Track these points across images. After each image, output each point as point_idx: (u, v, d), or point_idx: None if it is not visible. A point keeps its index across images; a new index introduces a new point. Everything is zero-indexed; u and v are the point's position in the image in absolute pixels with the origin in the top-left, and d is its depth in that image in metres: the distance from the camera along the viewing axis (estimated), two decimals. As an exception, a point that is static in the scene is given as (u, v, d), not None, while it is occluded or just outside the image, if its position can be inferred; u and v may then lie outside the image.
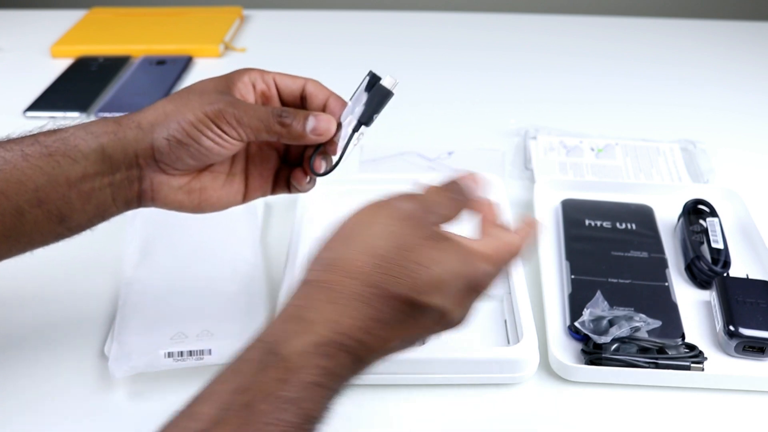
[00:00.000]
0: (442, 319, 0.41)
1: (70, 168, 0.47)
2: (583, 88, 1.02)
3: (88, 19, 1.20)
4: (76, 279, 0.65)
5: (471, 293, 0.41)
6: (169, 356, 0.53)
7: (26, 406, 0.53)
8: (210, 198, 0.52)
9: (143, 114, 0.49)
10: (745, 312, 0.57)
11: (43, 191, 0.47)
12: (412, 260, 0.39)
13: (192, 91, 0.50)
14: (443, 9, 1.33)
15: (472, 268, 0.41)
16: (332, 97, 0.53)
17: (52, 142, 0.48)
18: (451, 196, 0.45)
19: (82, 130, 0.48)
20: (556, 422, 0.52)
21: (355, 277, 0.39)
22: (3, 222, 0.47)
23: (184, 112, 0.48)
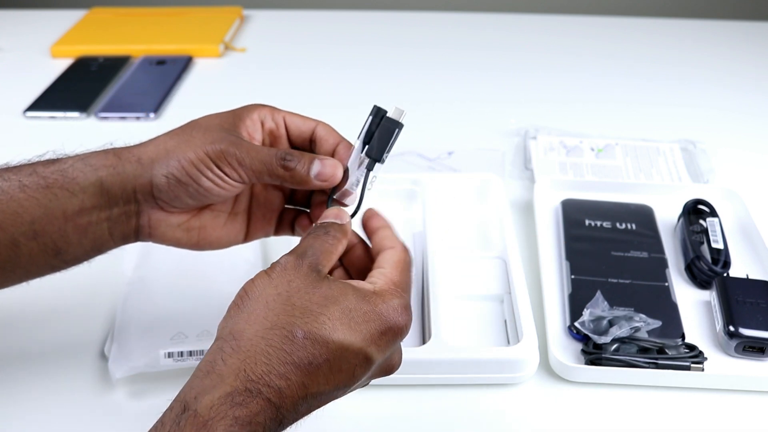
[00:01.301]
0: (365, 362, 0.40)
1: (67, 201, 0.46)
2: (583, 88, 1.02)
3: (88, 19, 1.20)
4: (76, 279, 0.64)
5: (387, 333, 0.41)
6: (169, 356, 0.53)
7: (26, 406, 0.53)
8: (209, 237, 0.51)
9: (144, 148, 0.48)
10: (745, 312, 0.57)
11: (40, 224, 0.46)
12: (311, 300, 0.39)
13: (196, 127, 0.48)
14: (443, 9, 1.33)
15: (378, 306, 0.41)
16: (342, 142, 0.50)
17: (51, 173, 0.47)
18: (319, 236, 0.44)
19: (81, 162, 0.47)
20: (556, 422, 0.52)
21: (260, 325, 0.39)
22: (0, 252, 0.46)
23: (185, 150, 0.47)
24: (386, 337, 0.40)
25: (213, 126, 0.48)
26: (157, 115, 0.93)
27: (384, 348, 0.41)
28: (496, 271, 0.62)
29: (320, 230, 0.44)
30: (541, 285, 0.62)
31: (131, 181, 0.47)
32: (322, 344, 0.38)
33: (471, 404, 0.53)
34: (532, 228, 0.69)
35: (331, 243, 0.44)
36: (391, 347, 0.41)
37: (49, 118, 0.93)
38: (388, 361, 0.43)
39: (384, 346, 0.41)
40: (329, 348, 0.38)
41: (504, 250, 0.63)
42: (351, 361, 0.39)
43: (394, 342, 0.41)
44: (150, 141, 0.49)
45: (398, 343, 0.42)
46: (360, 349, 0.39)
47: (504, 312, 0.59)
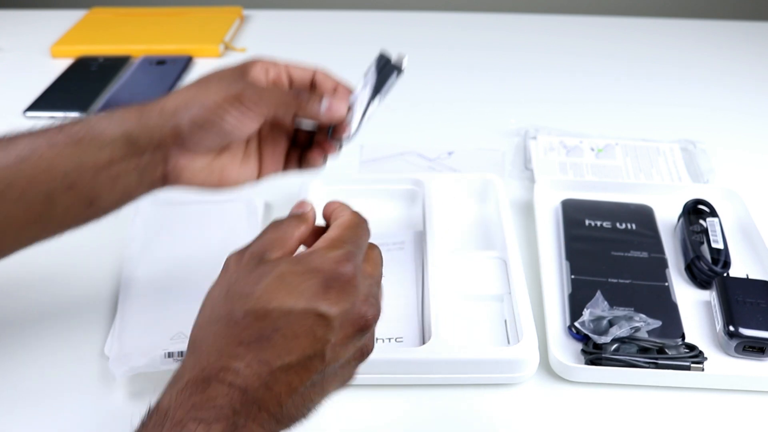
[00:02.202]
0: (320, 319, 0.38)
1: (97, 154, 0.49)
2: (583, 88, 1.02)
3: (88, 19, 1.20)
4: (76, 279, 0.65)
5: (332, 285, 0.39)
6: (169, 356, 0.53)
7: (27, 406, 0.53)
8: (229, 177, 0.55)
9: (165, 100, 0.51)
10: (745, 312, 0.57)
11: (72, 177, 0.49)
12: (247, 283, 0.40)
13: (210, 79, 0.52)
14: (443, 9, 1.33)
15: (313, 262, 0.40)
16: (340, 85, 0.56)
17: (77, 131, 0.50)
18: (271, 227, 0.45)
19: (106, 119, 0.51)
20: (556, 422, 0.52)
21: (206, 323, 0.40)
22: (34, 207, 0.49)
23: (205, 97, 0.51)
24: (333, 289, 0.39)
25: (226, 75, 0.53)
26: (157, 115, 0.92)
27: (336, 300, 0.39)
28: (496, 271, 0.62)
29: (275, 222, 0.45)
30: (541, 285, 0.62)
31: (157, 130, 0.50)
32: (263, 316, 0.38)
33: (471, 404, 0.53)
34: (532, 228, 0.69)
35: (284, 230, 0.44)
36: (345, 298, 0.39)
37: (49, 119, 0.92)
38: (355, 314, 0.40)
39: (335, 299, 0.39)
40: (272, 317, 0.38)
41: (504, 250, 0.63)
42: (303, 323, 0.38)
43: (345, 292, 0.40)
44: (169, 95, 0.52)
45: (354, 293, 0.40)
46: (306, 309, 0.38)
47: (504, 312, 0.59)
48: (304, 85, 0.56)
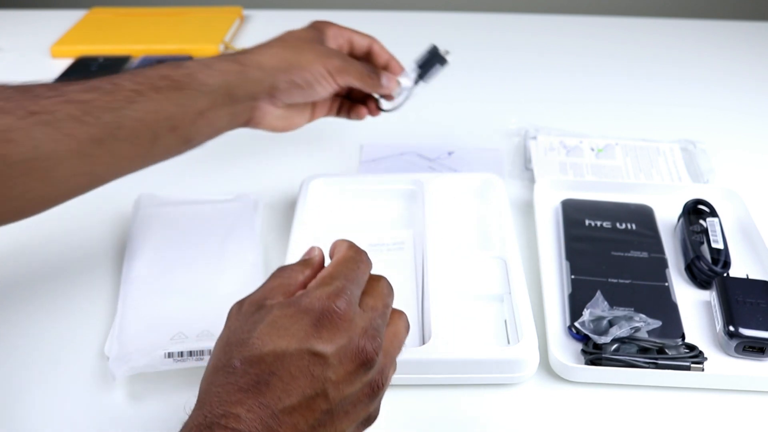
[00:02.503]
0: (315, 357, 0.38)
1: (198, 100, 0.57)
2: (583, 88, 1.02)
3: (88, 19, 1.20)
4: (76, 279, 0.65)
5: (322, 323, 0.39)
6: (169, 356, 0.53)
7: (27, 406, 0.53)
8: (294, 122, 0.67)
9: (262, 57, 0.61)
10: (745, 312, 0.57)
11: (176, 119, 0.56)
12: (243, 330, 0.40)
13: (300, 40, 0.63)
14: (443, 9, 1.33)
15: (303, 302, 0.40)
16: (392, 60, 0.70)
17: (181, 76, 0.57)
18: (275, 275, 0.45)
19: (207, 68, 0.58)
20: (556, 422, 0.52)
21: (209, 374, 0.40)
22: (141, 145, 0.55)
23: (304, 63, 0.62)
24: (325, 327, 0.39)
25: (311, 39, 0.64)
26: (157, 115, 0.92)
27: (330, 337, 0.39)
28: (496, 271, 0.62)
29: (280, 269, 0.45)
30: (541, 285, 0.62)
31: (255, 84, 0.60)
32: (259, 361, 0.38)
33: (471, 404, 0.53)
34: (532, 228, 0.69)
35: (288, 276, 0.44)
36: (340, 334, 0.39)
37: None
38: (353, 349, 0.40)
39: (329, 336, 0.39)
40: (267, 362, 0.38)
41: (504, 250, 0.63)
42: (298, 364, 0.38)
43: (338, 328, 0.39)
44: (263, 49, 0.62)
45: (349, 328, 0.40)
46: (299, 349, 0.38)
47: (504, 312, 0.59)
48: (361, 52, 0.69)
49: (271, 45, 0.63)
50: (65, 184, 0.54)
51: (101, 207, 0.71)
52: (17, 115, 0.50)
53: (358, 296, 0.43)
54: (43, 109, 0.51)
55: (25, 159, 0.50)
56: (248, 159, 0.83)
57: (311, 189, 0.71)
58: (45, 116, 0.51)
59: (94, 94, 0.53)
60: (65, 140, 0.51)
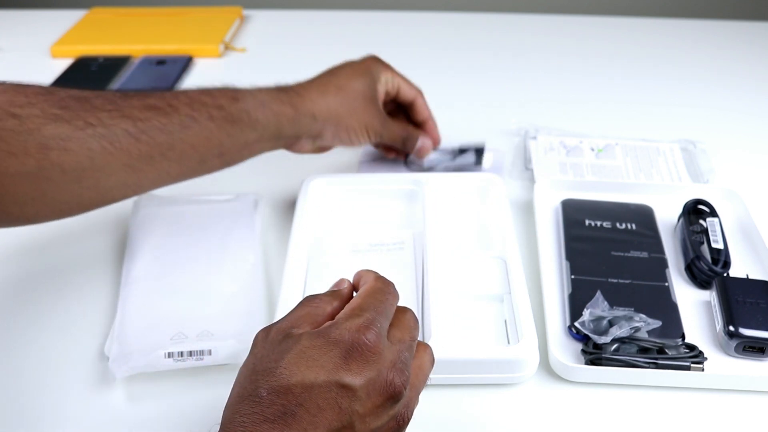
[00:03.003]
0: (343, 390, 0.38)
1: (249, 134, 0.61)
2: (583, 88, 1.02)
3: (88, 19, 1.20)
4: (76, 279, 0.65)
5: (352, 356, 0.39)
6: (169, 356, 0.53)
7: (27, 406, 0.53)
8: (319, 150, 0.71)
9: (316, 105, 0.65)
10: (745, 312, 0.57)
11: (225, 148, 0.60)
12: (270, 359, 0.40)
13: (356, 94, 0.67)
14: (443, 9, 1.33)
15: (332, 333, 0.40)
16: (430, 120, 0.76)
17: (236, 111, 0.60)
18: (302, 304, 0.45)
19: (263, 108, 0.61)
20: (556, 422, 0.52)
21: (233, 402, 0.39)
22: (188, 166, 0.59)
23: (352, 120, 0.67)
24: (354, 359, 0.39)
25: (366, 97, 0.68)
26: (157, 115, 0.92)
27: (359, 370, 0.39)
28: (496, 271, 0.62)
29: (308, 298, 0.45)
30: (541, 285, 0.62)
31: (304, 130, 0.65)
32: (286, 393, 0.38)
33: (471, 404, 0.53)
34: (532, 228, 0.69)
35: (316, 306, 0.44)
36: (369, 367, 0.39)
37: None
38: (382, 382, 0.40)
39: (358, 369, 0.39)
40: (294, 393, 0.38)
41: (504, 250, 0.63)
42: (326, 396, 0.38)
43: (368, 361, 0.39)
44: (318, 95, 0.65)
45: (378, 361, 0.40)
46: (328, 381, 0.38)
47: (504, 312, 0.59)
48: (406, 103, 0.74)
49: (328, 91, 0.66)
50: (112, 192, 0.57)
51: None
52: (76, 125, 0.53)
53: (386, 328, 0.42)
54: (100, 122, 0.54)
55: (78, 168, 0.53)
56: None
57: (311, 189, 0.71)
58: (101, 129, 0.54)
59: (151, 113, 0.56)
60: (118, 154, 0.55)
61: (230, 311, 0.58)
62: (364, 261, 0.63)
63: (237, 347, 0.54)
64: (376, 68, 0.70)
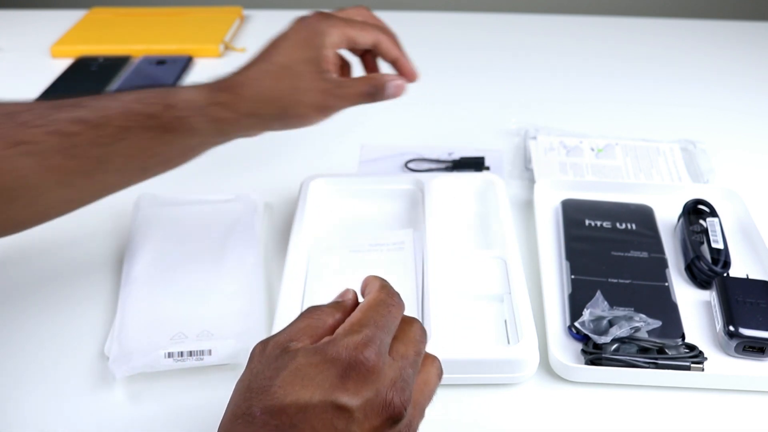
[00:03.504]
0: (338, 411, 0.36)
1: (190, 140, 0.57)
2: (583, 88, 1.02)
3: (88, 19, 1.20)
4: (76, 279, 0.65)
5: (349, 374, 0.37)
6: (169, 356, 0.53)
7: (26, 406, 0.53)
8: None
9: (256, 103, 0.57)
10: (745, 312, 0.57)
11: (166, 155, 0.57)
12: (265, 377, 0.38)
13: (297, 76, 0.58)
14: (443, 9, 1.33)
15: (330, 350, 0.38)
16: (401, 57, 0.64)
17: (172, 120, 0.55)
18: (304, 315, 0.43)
19: (199, 114, 0.56)
20: (556, 422, 0.52)
21: (227, 420, 0.38)
22: (130, 175, 0.57)
23: (299, 108, 0.58)
24: (351, 379, 0.37)
25: (311, 72, 0.58)
26: (157, 115, 0.92)
27: (356, 390, 0.37)
28: (496, 270, 0.62)
29: (311, 309, 0.43)
30: (541, 285, 0.62)
31: (249, 130, 0.59)
32: (280, 413, 0.36)
33: (471, 404, 0.53)
34: (532, 228, 0.69)
35: (318, 318, 0.42)
36: (367, 386, 0.37)
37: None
38: (380, 402, 0.38)
39: (355, 388, 0.37)
40: (288, 414, 0.36)
41: (504, 250, 0.63)
42: (322, 417, 0.36)
43: (366, 380, 0.37)
44: (259, 88, 0.57)
45: (377, 380, 0.38)
46: (323, 402, 0.36)
47: (504, 312, 0.59)
48: (368, 49, 0.64)
49: (267, 77, 0.58)
50: (51, 210, 0.55)
51: (101, 207, 0.71)
52: (2, 144, 0.51)
53: (388, 344, 0.40)
54: (29, 139, 0.51)
55: (9, 188, 0.51)
56: (248, 159, 0.83)
57: (311, 189, 0.71)
58: (31, 146, 0.51)
59: (82, 127, 0.52)
60: (51, 171, 0.52)
61: (230, 311, 0.58)
62: (364, 261, 0.63)
63: (237, 347, 0.54)
64: (320, 29, 0.60)
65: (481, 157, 0.81)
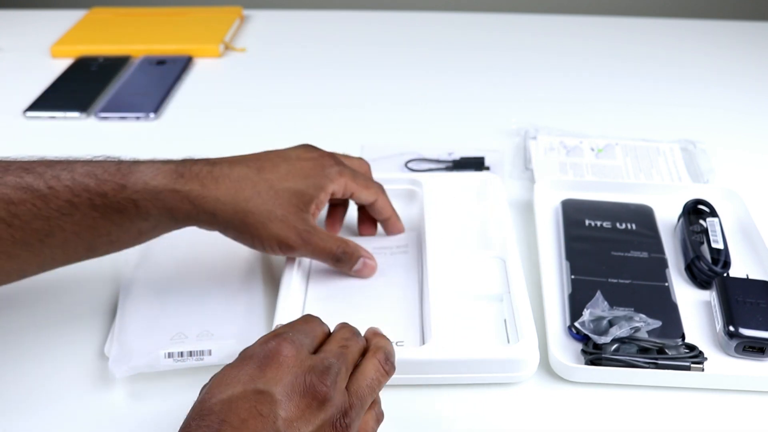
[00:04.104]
0: (259, 395, 0.39)
1: (141, 224, 0.53)
2: (583, 88, 1.02)
3: (88, 19, 1.20)
4: (76, 279, 0.65)
5: (263, 365, 0.40)
6: (169, 356, 0.53)
7: (26, 407, 0.53)
8: None
9: (218, 204, 0.53)
10: (745, 312, 0.57)
11: (114, 236, 0.53)
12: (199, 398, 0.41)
13: (277, 203, 0.55)
14: (443, 9, 1.33)
15: (247, 351, 0.42)
16: (392, 216, 0.65)
17: (123, 201, 0.51)
18: None
19: (154, 199, 0.52)
20: (556, 422, 0.52)
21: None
22: (75, 251, 0.53)
23: (261, 231, 0.55)
24: (268, 367, 0.40)
25: (293, 205, 0.55)
26: (157, 115, 0.93)
27: (274, 375, 0.40)
28: (495, 270, 0.62)
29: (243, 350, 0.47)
30: (541, 285, 0.62)
31: (203, 225, 0.55)
32: (209, 414, 0.38)
33: (471, 404, 0.53)
34: (532, 228, 0.69)
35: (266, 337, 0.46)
36: (285, 371, 0.40)
37: (49, 118, 0.93)
38: (300, 384, 0.40)
39: (272, 375, 0.40)
40: (215, 412, 0.38)
41: (503, 249, 0.63)
42: (245, 406, 0.38)
43: (283, 366, 0.40)
44: (229, 193, 0.54)
45: (295, 365, 0.41)
46: (244, 391, 0.39)
47: (504, 312, 0.59)
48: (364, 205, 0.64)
49: (243, 189, 0.54)
50: None
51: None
52: None
53: (306, 343, 0.43)
54: None
55: None
56: (248, 159, 0.83)
57: (311, 189, 0.71)
58: None
59: (27, 195, 0.49)
60: None
61: (230, 311, 0.58)
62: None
63: (237, 347, 0.54)
64: (327, 173, 0.58)
65: (481, 157, 0.81)
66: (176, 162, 0.54)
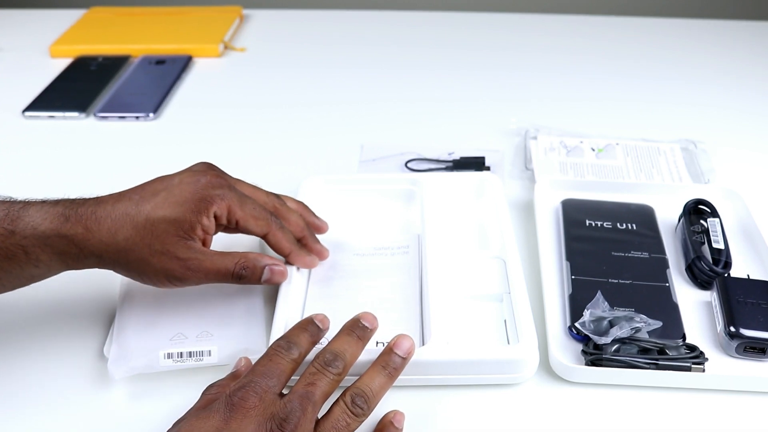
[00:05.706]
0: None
1: (32, 270, 0.51)
2: (583, 88, 1.02)
3: (87, 19, 1.20)
4: (75, 279, 0.64)
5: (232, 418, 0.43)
6: (168, 357, 0.53)
7: (26, 407, 0.53)
8: None
9: (102, 245, 0.51)
10: (745, 312, 0.57)
11: (7, 281, 0.52)
12: None
13: (155, 235, 0.52)
14: (443, 9, 1.33)
15: (213, 405, 0.44)
16: (293, 251, 0.59)
17: (11, 247, 0.50)
18: None
19: (42, 246, 0.50)
20: (556, 422, 0.52)
21: None
22: None
23: (145, 267, 0.52)
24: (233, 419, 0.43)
25: (171, 235, 0.52)
26: (156, 115, 0.92)
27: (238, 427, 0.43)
28: (495, 271, 0.62)
29: (206, 389, 0.50)
30: (542, 285, 0.61)
31: (95, 266, 0.54)
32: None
33: (471, 405, 0.53)
34: (533, 228, 0.69)
35: (214, 393, 0.49)
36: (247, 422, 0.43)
37: (48, 118, 0.93)
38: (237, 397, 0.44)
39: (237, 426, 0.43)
40: None
41: (503, 250, 0.63)
42: None
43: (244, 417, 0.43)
44: (110, 232, 0.52)
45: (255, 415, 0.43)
46: None
47: (504, 312, 0.59)
48: None
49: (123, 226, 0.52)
50: None
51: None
52: None
53: (272, 385, 0.45)
54: None
55: None
56: (248, 159, 0.83)
57: (310, 188, 0.71)
58: None
59: None
60: None
61: (230, 312, 0.58)
62: (368, 264, 0.63)
63: (236, 348, 0.54)
64: (206, 194, 0.54)
65: (481, 157, 0.81)
66: (65, 203, 0.52)
